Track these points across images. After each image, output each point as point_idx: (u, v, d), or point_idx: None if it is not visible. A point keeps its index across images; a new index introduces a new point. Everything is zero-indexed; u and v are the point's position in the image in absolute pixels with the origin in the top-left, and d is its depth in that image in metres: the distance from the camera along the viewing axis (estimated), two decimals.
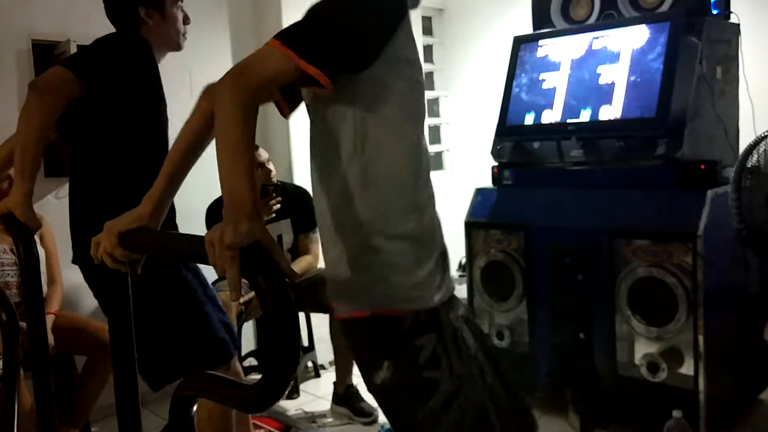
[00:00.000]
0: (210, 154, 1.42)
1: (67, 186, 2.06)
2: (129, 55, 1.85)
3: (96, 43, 1.90)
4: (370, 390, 1.30)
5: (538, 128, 2.92)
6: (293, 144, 3.62)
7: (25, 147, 1.65)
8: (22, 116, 1.67)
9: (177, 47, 2.04)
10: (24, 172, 1.63)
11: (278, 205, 2.94)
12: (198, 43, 2.02)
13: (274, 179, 3.16)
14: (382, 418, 2.88)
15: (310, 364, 3.59)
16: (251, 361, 3.45)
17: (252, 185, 1.01)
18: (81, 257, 1.91)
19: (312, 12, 1.16)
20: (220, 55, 3.58)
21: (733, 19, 2.83)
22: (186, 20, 2.05)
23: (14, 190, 1.62)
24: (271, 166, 3.16)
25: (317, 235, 3.29)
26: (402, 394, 1.23)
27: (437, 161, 4.72)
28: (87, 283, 1.95)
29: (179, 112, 2.37)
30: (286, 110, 1.39)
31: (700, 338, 2.37)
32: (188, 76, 2.99)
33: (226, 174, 1.03)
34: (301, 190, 3.28)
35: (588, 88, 2.77)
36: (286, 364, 0.86)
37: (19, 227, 1.56)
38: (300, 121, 1.46)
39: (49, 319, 2.52)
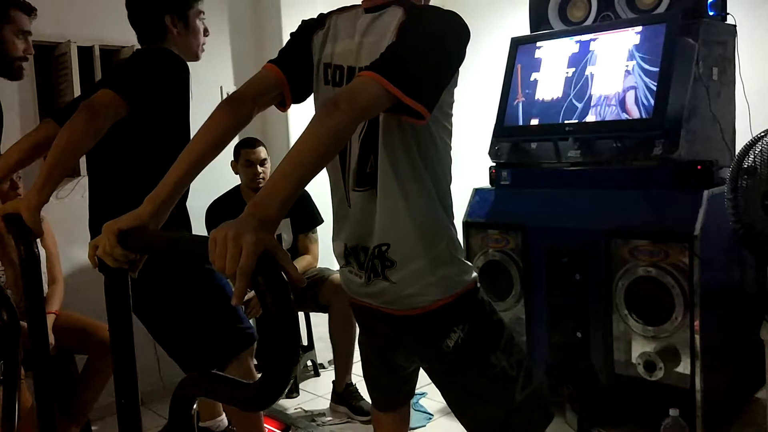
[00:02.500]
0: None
1: (67, 187, 2.08)
2: (171, 75, 1.88)
3: (138, 60, 1.92)
4: (435, 361, 1.52)
5: (536, 129, 2.93)
6: (292, 143, 3.63)
7: (59, 160, 1.66)
8: (66, 130, 1.68)
9: (195, 58, 2.07)
10: (47, 183, 1.63)
11: None
12: None
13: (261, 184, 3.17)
14: None
15: (309, 363, 3.60)
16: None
17: (290, 202, 1.05)
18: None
19: (410, 44, 1.28)
20: (220, 55, 3.59)
21: (729, 20, 2.84)
22: (206, 32, 2.08)
23: (30, 195, 1.61)
24: (268, 164, 3.17)
25: (316, 235, 3.32)
26: (478, 343, 1.46)
27: None
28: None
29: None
30: (289, 104, 1.48)
31: (697, 337, 2.39)
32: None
33: (281, 177, 1.05)
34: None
35: (585, 89, 2.78)
36: (285, 363, 0.87)
37: (21, 228, 1.57)
38: (299, 119, 1.49)
39: (50, 319, 2.53)
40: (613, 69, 2.72)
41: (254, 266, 0.89)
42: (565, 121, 2.80)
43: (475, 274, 1.50)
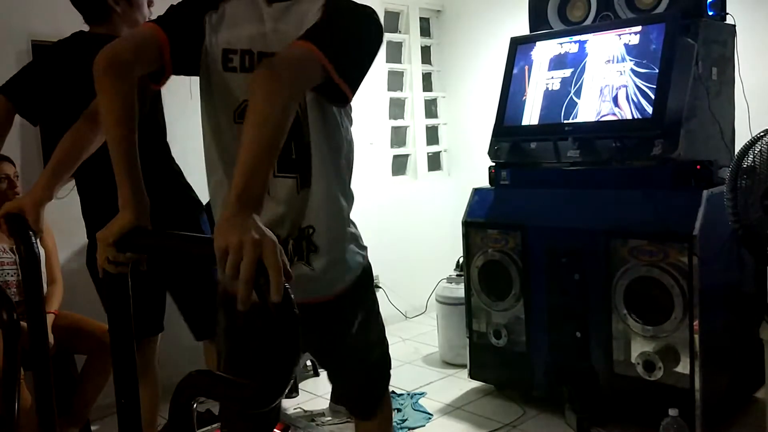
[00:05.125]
0: (201, 153, 1.44)
1: (67, 187, 2.08)
2: None
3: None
4: (344, 345, 1.59)
5: (535, 129, 2.93)
6: None
7: (66, 160, 1.67)
8: (73, 133, 1.68)
9: None
10: (56, 183, 1.65)
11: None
12: None
13: None
14: None
15: (308, 363, 3.59)
16: None
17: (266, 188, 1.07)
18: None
19: (345, 27, 1.29)
20: None
21: (728, 20, 2.84)
22: (150, 3, 2.10)
23: (35, 191, 1.62)
24: None
25: None
26: (372, 319, 1.63)
27: (435, 162, 4.74)
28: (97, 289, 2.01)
29: (179, 109, 2.39)
30: (166, 78, 1.38)
31: (696, 337, 2.39)
32: None
33: (256, 167, 1.05)
34: None
35: (584, 89, 2.78)
36: (285, 363, 0.87)
37: (22, 227, 1.56)
38: None
39: (49, 319, 2.52)
40: (612, 69, 2.72)
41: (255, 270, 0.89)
42: (565, 121, 2.80)
43: (367, 248, 1.57)
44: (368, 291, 1.61)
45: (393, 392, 3.03)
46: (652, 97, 2.55)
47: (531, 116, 2.94)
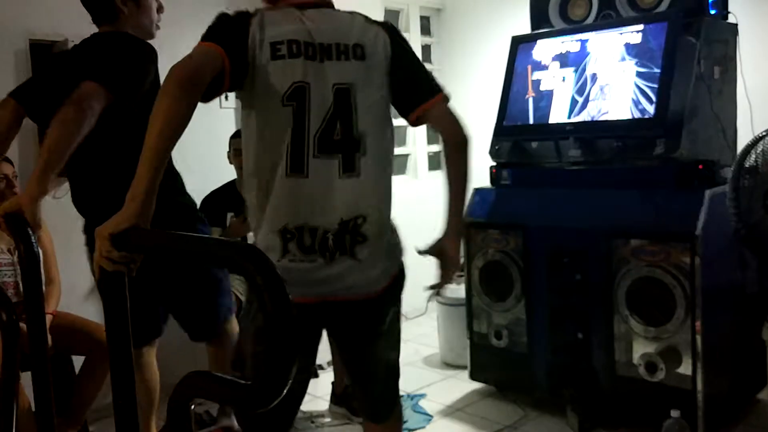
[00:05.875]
0: (200, 153, 1.43)
1: (65, 187, 2.07)
2: (144, 59, 1.93)
3: (109, 47, 1.95)
4: (378, 344, 1.62)
5: (536, 128, 2.92)
6: None
7: (53, 152, 1.68)
8: (56, 124, 1.70)
9: (150, 36, 2.10)
10: (45, 175, 1.65)
11: None
12: (197, 42, 2.02)
13: None
14: None
15: None
16: None
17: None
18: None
19: (418, 61, 1.65)
20: None
21: (731, 19, 2.83)
22: (160, 9, 2.10)
23: (30, 187, 1.62)
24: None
25: None
26: (399, 317, 1.66)
27: (435, 161, 4.73)
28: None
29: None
30: (221, 93, 1.49)
31: (698, 338, 2.38)
32: None
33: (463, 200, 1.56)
34: None
35: (586, 88, 2.77)
36: (284, 363, 0.87)
37: (21, 227, 1.56)
38: None
39: (47, 320, 2.51)
40: (613, 68, 2.71)
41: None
42: (566, 121, 2.79)
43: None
44: (403, 288, 1.62)
45: None
46: (654, 96, 2.54)
47: (532, 116, 2.92)
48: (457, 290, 3.42)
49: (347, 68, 1.47)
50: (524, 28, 3.25)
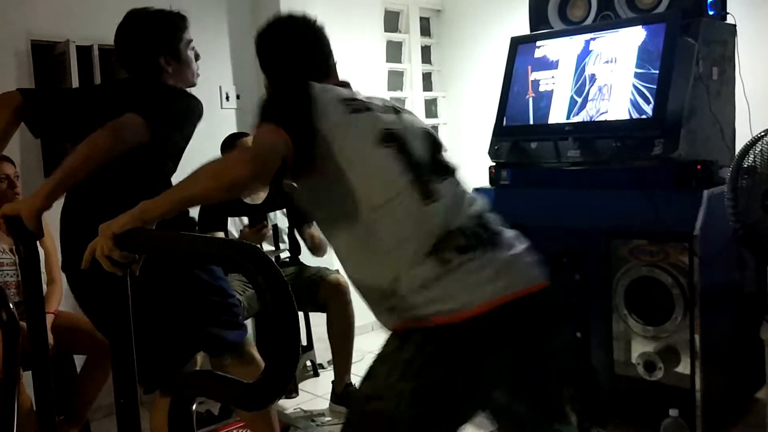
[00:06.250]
0: (201, 153, 1.45)
1: None
2: (194, 118, 1.90)
3: (166, 95, 1.92)
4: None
5: (536, 128, 2.93)
6: None
7: (73, 171, 1.65)
8: (88, 144, 1.66)
9: (192, 86, 2.07)
10: (56, 191, 1.62)
11: (270, 231, 3.06)
12: (196, 44, 2.03)
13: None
14: None
15: (308, 363, 3.59)
16: None
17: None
18: (69, 264, 1.94)
19: None
20: (219, 55, 3.59)
21: (729, 19, 2.84)
22: (197, 58, 2.06)
23: (35, 199, 1.58)
24: None
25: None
26: None
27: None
28: (72, 291, 1.97)
29: None
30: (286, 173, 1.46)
31: (697, 337, 2.39)
32: None
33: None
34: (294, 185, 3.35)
35: (585, 89, 2.78)
36: (286, 362, 0.87)
37: (22, 228, 1.56)
38: None
39: (49, 319, 2.52)
40: (612, 69, 2.72)
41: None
42: (565, 121, 2.79)
43: None
44: None
45: None
46: (653, 97, 2.55)
47: (531, 116, 2.93)
48: None
49: (412, 118, 1.54)
50: (523, 28, 3.26)
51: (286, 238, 3.32)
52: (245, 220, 3.14)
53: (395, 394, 1.25)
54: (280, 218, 3.27)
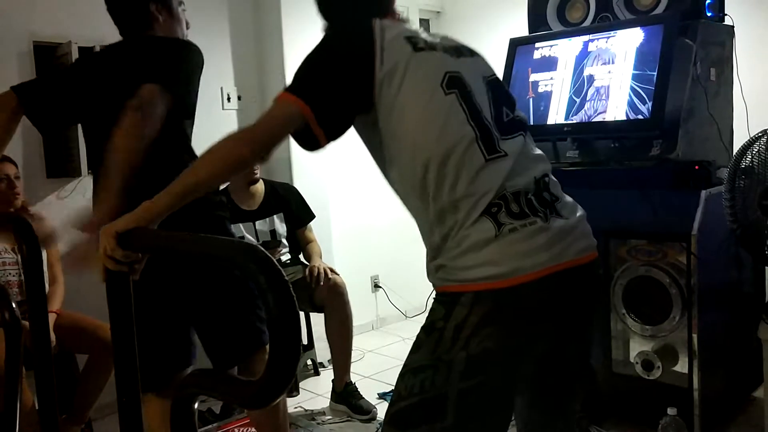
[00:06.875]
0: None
1: (68, 187, 2.07)
2: (200, 64, 1.87)
3: (167, 50, 1.87)
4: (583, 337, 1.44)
5: (534, 129, 2.92)
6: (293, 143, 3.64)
7: (131, 167, 1.58)
8: (123, 136, 1.59)
9: None
10: (123, 194, 1.55)
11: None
12: (197, 43, 2.04)
13: (256, 174, 3.19)
14: (380, 416, 2.91)
15: (309, 362, 3.61)
16: None
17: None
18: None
19: None
20: (220, 55, 3.60)
21: (727, 21, 2.85)
22: (187, 25, 2.05)
23: (107, 204, 1.53)
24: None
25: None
26: None
27: None
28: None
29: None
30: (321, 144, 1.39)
31: (695, 336, 2.40)
32: None
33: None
34: (289, 187, 3.38)
35: (583, 90, 2.79)
36: (287, 361, 0.88)
37: (23, 228, 1.57)
38: None
39: (51, 318, 2.53)
40: (611, 70, 2.73)
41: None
42: (564, 122, 2.81)
43: None
44: None
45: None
46: (651, 98, 2.56)
47: (530, 117, 2.94)
48: None
49: (479, 63, 1.46)
50: (522, 30, 3.27)
51: (285, 241, 3.33)
52: (242, 226, 3.18)
53: (445, 363, 1.20)
54: (277, 222, 3.29)
